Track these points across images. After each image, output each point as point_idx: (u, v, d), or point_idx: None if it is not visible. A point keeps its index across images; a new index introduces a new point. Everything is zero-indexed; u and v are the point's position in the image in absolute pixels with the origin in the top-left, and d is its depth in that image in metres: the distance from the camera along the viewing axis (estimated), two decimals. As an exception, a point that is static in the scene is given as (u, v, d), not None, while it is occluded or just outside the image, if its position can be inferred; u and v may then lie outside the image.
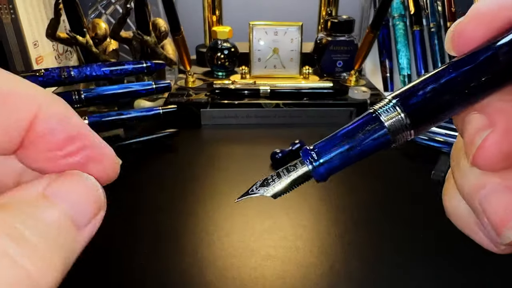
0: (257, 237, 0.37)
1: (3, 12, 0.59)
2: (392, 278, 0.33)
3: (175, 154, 0.52)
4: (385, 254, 0.35)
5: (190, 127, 0.58)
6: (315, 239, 0.37)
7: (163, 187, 0.45)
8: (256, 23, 0.66)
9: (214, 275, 0.33)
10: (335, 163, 0.13)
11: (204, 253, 0.35)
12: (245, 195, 0.15)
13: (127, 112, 0.49)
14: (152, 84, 0.51)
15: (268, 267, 0.34)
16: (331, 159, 0.13)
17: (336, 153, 0.13)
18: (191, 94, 0.61)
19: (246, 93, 0.60)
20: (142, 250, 0.35)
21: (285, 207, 0.41)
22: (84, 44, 0.59)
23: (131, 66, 0.50)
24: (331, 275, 0.33)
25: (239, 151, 0.53)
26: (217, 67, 0.69)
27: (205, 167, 0.49)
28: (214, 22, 0.76)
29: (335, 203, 0.42)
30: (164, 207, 0.41)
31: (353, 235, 0.37)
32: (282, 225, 0.38)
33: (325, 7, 0.76)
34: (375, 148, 0.13)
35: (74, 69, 0.46)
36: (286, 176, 0.14)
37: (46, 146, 0.13)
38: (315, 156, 0.14)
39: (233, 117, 0.59)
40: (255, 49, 0.67)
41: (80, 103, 0.46)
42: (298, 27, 0.66)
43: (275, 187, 0.14)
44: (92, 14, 0.71)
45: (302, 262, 0.34)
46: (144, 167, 0.49)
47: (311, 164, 0.14)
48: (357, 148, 0.13)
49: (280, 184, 0.14)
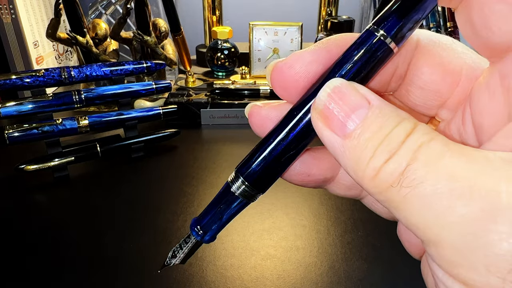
0: (257, 237, 0.37)
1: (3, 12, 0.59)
2: (392, 278, 0.33)
3: (175, 154, 0.52)
4: (385, 254, 0.35)
5: (190, 127, 0.58)
6: (315, 239, 0.37)
7: (163, 187, 0.45)
8: (256, 23, 0.66)
9: (214, 275, 0.33)
10: (214, 230, 0.17)
11: (204, 253, 0.35)
12: (163, 266, 0.18)
13: (127, 112, 0.49)
14: (152, 84, 0.51)
15: (268, 266, 0.34)
16: (211, 229, 0.17)
17: (213, 224, 0.17)
18: (191, 94, 0.61)
19: (246, 93, 0.60)
20: (141, 249, 0.35)
21: (285, 207, 0.41)
22: (84, 44, 0.59)
23: (131, 66, 0.50)
24: (331, 275, 0.33)
25: (239, 151, 0.53)
26: (217, 67, 0.69)
27: (205, 167, 0.49)
28: (214, 22, 0.76)
29: (335, 203, 0.42)
30: (164, 207, 0.41)
31: (353, 235, 0.37)
32: (282, 225, 0.39)
33: (325, 7, 0.76)
34: (238, 211, 0.16)
35: (74, 69, 0.46)
36: (185, 247, 0.18)
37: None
38: (200, 230, 0.17)
39: (233, 117, 0.59)
40: (255, 49, 0.67)
41: (80, 103, 0.46)
42: (298, 27, 0.66)
43: (180, 256, 0.18)
44: (92, 14, 0.71)
45: (302, 262, 0.34)
46: (144, 167, 0.49)
47: (199, 236, 0.17)
48: (225, 216, 0.16)
49: (183, 253, 0.18)
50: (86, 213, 0.41)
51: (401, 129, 0.12)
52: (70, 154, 0.45)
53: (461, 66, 0.15)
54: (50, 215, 0.40)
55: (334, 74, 0.14)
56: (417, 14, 0.13)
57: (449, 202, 0.11)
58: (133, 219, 0.40)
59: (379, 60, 0.14)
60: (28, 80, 0.43)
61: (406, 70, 0.15)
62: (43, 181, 0.45)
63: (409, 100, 0.16)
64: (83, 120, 0.46)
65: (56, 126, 0.44)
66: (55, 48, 0.73)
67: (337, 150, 0.13)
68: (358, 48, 0.14)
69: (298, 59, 0.15)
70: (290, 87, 0.15)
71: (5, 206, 0.42)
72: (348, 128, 0.12)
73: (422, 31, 0.15)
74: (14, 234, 0.38)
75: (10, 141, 0.42)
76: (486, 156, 0.11)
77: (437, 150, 0.11)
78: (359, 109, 0.13)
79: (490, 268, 0.10)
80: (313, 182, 0.17)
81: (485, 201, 0.10)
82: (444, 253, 0.11)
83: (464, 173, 0.11)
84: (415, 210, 0.11)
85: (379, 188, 0.12)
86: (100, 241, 0.37)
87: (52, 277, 0.33)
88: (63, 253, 0.35)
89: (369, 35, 0.14)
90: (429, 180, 0.11)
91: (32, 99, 0.44)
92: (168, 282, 0.32)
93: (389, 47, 0.14)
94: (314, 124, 0.14)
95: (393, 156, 0.12)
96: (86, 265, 0.34)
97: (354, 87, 0.13)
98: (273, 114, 0.16)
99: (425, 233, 0.11)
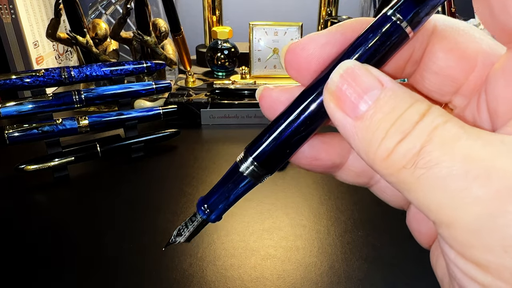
0: (257, 237, 0.37)
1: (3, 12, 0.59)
2: (392, 278, 0.33)
3: (175, 154, 0.52)
4: (385, 254, 0.35)
5: (190, 127, 0.58)
6: (315, 239, 0.37)
7: (163, 187, 0.45)
8: (256, 23, 0.66)
9: (214, 275, 0.33)
10: (221, 209, 0.17)
11: (204, 253, 0.35)
12: (168, 244, 0.18)
13: (127, 112, 0.49)
14: (152, 84, 0.51)
15: (268, 266, 0.34)
16: (217, 208, 0.17)
17: (220, 203, 0.17)
18: (191, 94, 0.61)
19: (246, 93, 0.60)
20: (141, 249, 0.35)
21: (285, 207, 0.41)
22: (84, 44, 0.59)
23: (131, 66, 0.50)
24: (331, 275, 0.33)
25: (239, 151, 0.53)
26: (217, 67, 0.69)
27: (205, 167, 0.49)
28: (214, 22, 0.76)
29: (335, 203, 0.42)
30: (164, 207, 0.41)
31: (353, 235, 0.37)
32: (282, 225, 0.39)
33: (325, 7, 0.76)
34: (245, 192, 0.17)
35: (74, 69, 0.46)
36: (191, 225, 0.18)
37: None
38: (206, 209, 0.17)
39: (233, 117, 0.59)
40: (255, 49, 0.67)
41: (80, 103, 0.46)
42: (298, 27, 0.66)
43: (186, 235, 0.18)
44: (92, 14, 0.71)
45: (302, 262, 0.34)
46: (144, 167, 0.49)
47: (205, 215, 0.17)
48: (232, 196, 0.17)
49: (189, 232, 0.18)
50: (86, 213, 0.41)
51: (414, 110, 0.12)
52: (70, 154, 0.45)
53: (477, 51, 0.15)
54: (50, 215, 0.40)
55: (348, 56, 0.14)
56: None
57: (465, 184, 0.10)
58: (133, 219, 0.39)
59: (394, 44, 0.14)
60: (28, 80, 0.43)
61: (422, 55, 0.15)
62: (43, 181, 0.45)
63: (423, 86, 0.16)
64: (83, 120, 0.46)
65: (56, 126, 0.44)
66: (55, 48, 0.73)
67: (349, 132, 0.13)
68: (374, 31, 0.14)
69: (312, 41, 0.15)
70: (303, 69, 0.15)
71: (5, 206, 0.42)
72: (360, 110, 0.12)
73: (439, 16, 0.15)
74: (14, 234, 0.38)
75: (10, 141, 0.42)
76: (501, 139, 0.11)
77: (452, 132, 0.11)
78: (372, 91, 0.12)
79: (507, 249, 0.10)
80: (321, 167, 0.17)
81: (503, 183, 0.10)
82: (457, 234, 0.11)
83: (480, 155, 0.11)
84: (429, 192, 0.11)
85: (391, 169, 0.12)
86: (100, 241, 0.37)
87: (52, 277, 0.33)
88: (63, 253, 0.35)
89: (385, 19, 0.14)
90: (445, 161, 0.11)
91: (32, 99, 0.44)
92: (168, 282, 0.32)
93: (405, 31, 0.14)
94: (326, 105, 0.14)
95: (407, 137, 0.12)
96: (86, 265, 0.34)
97: (367, 69, 0.13)
98: (284, 97, 0.16)
99: (438, 215, 0.11)
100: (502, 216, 0.10)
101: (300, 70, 0.15)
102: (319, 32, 0.15)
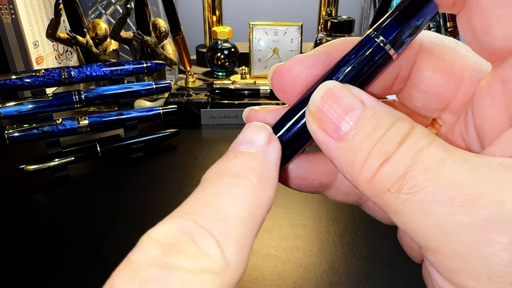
0: (257, 237, 0.37)
1: (3, 12, 0.59)
2: (392, 278, 0.33)
3: (175, 154, 0.52)
4: (385, 254, 0.35)
5: (190, 127, 0.58)
6: (315, 239, 0.37)
7: (163, 187, 0.45)
8: (256, 23, 0.66)
9: (214, 275, 0.33)
10: None
11: (204, 253, 0.35)
12: None
13: (127, 112, 0.49)
14: (152, 84, 0.51)
15: (268, 267, 0.34)
16: None
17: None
18: (191, 94, 0.61)
19: (246, 93, 0.60)
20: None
21: (285, 207, 0.41)
22: (84, 44, 0.59)
23: (131, 66, 0.50)
24: (331, 275, 0.33)
25: (239, 151, 0.53)
26: (217, 67, 0.69)
27: (205, 167, 0.48)
28: (214, 22, 0.76)
29: (335, 203, 0.42)
30: (164, 207, 0.41)
31: (353, 235, 0.37)
32: (282, 225, 0.39)
33: (325, 7, 0.76)
34: None
35: (74, 69, 0.46)
36: None
37: None
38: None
39: (233, 117, 0.59)
40: (255, 49, 0.67)
41: (80, 103, 0.46)
42: (298, 27, 0.66)
43: None
44: (92, 14, 0.71)
45: (302, 262, 0.34)
46: (144, 167, 0.49)
47: None
48: None
49: None
50: (86, 213, 0.41)
51: (396, 130, 0.12)
52: (70, 154, 0.45)
53: (464, 68, 0.15)
54: (50, 215, 0.40)
55: (331, 77, 0.14)
56: (417, 21, 0.13)
57: (450, 210, 0.10)
58: (133, 219, 0.39)
59: (378, 66, 0.14)
60: (28, 80, 0.43)
61: (409, 72, 0.15)
62: (43, 181, 0.45)
63: (411, 103, 0.16)
64: (83, 120, 0.46)
65: (56, 126, 0.44)
66: (55, 48, 0.73)
67: (332, 153, 0.13)
68: (357, 53, 0.14)
69: (297, 62, 0.15)
70: (289, 90, 0.15)
71: (5, 206, 0.42)
72: (342, 130, 0.12)
73: (426, 32, 0.15)
74: (14, 234, 0.38)
75: (10, 141, 0.42)
76: (488, 163, 0.11)
77: (437, 156, 0.11)
78: (353, 111, 0.12)
79: (492, 278, 0.10)
80: (309, 187, 0.17)
81: (488, 210, 0.10)
82: (444, 260, 0.11)
83: (466, 181, 0.10)
84: (414, 216, 0.11)
85: (376, 191, 0.12)
86: (100, 241, 0.37)
87: (52, 277, 0.33)
88: (63, 253, 0.35)
89: (368, 40, 0.14)
90: (430, 187, 0.11)
91: (32, 99, 0.44)
92: (168, 282, 0.32)
93: (388, 53, 0.14)
94: (309, 127, 0.14)
95: (390, 159, 0.11)
96: (86, 265, 0.34)
97: (348, 89, 0.13)
98: (270, 118, 0.16)
99: (424, 239, 0.11)
100: (487, 246, 0.10)
101: (286, 92, 0.15)
102: (305, 53, 0.15)
